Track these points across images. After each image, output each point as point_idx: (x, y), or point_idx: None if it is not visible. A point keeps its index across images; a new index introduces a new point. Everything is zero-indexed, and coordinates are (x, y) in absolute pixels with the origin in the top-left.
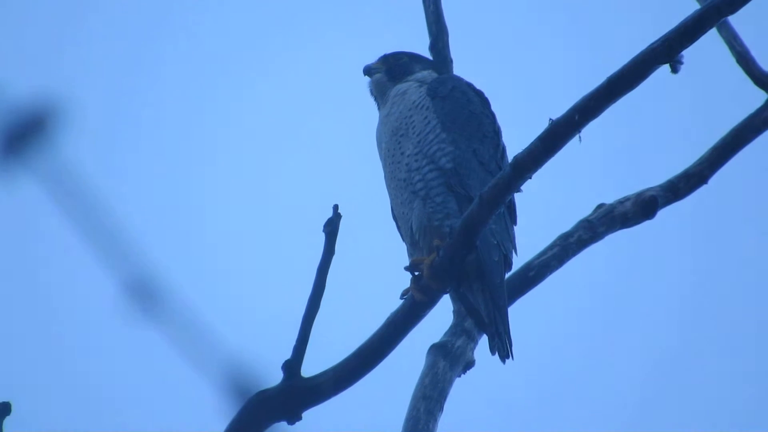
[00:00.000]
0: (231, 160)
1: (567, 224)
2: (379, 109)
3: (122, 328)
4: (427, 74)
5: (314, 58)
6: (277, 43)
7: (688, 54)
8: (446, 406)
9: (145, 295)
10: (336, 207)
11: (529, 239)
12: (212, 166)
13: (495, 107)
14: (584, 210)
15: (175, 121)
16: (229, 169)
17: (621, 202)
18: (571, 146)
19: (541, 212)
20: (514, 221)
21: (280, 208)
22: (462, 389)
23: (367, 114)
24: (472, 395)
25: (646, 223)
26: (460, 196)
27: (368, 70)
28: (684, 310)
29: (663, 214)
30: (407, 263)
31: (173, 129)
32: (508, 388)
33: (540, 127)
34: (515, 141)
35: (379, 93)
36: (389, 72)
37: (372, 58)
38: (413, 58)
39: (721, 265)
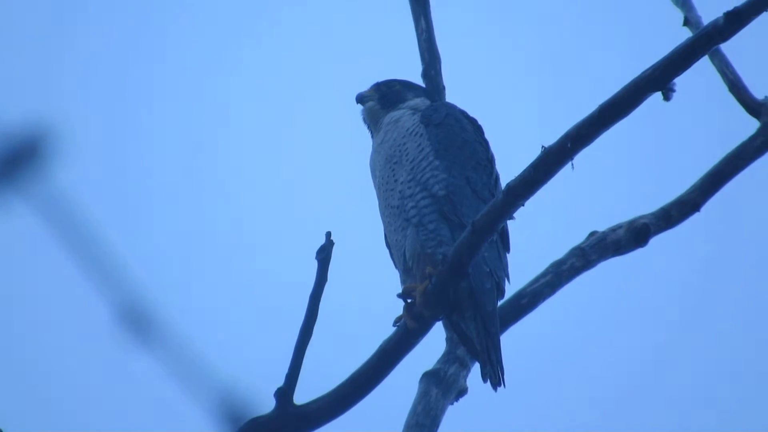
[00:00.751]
0: (224, 188)
1: (559, 252)
2: (372, 137)
3: (115, 355)
4: (420, 102)
5: (307, 83)
6: (268, 69)
7: (680, 82)
8: None
9: (138, 322)
10: (329, 234)
11: (522, 267)
12: (205, 193)
13: (488, 135)
14: (577, 238)
15: (168, 148)
16: (222, 197)
17: (613, 229)
18: (564, 173)
19: (533, 240)
20: (507, 249)
21: (273, 234)
22: (454, 417)
23: (360, 141)
24: (465, 423)
25: (639, 251)
26: (453, 223)
27: (361, 98)
28: (676, 337)
29: (655, 241)
30: (400, 290)
31: (166, 157)
32: (501, 415)
33: (533, 154)
34: (508, 168)
35: (372, 121)
36: (382, 100)
37: (364, 85)
38: (406, 86)
39: (714, 293)
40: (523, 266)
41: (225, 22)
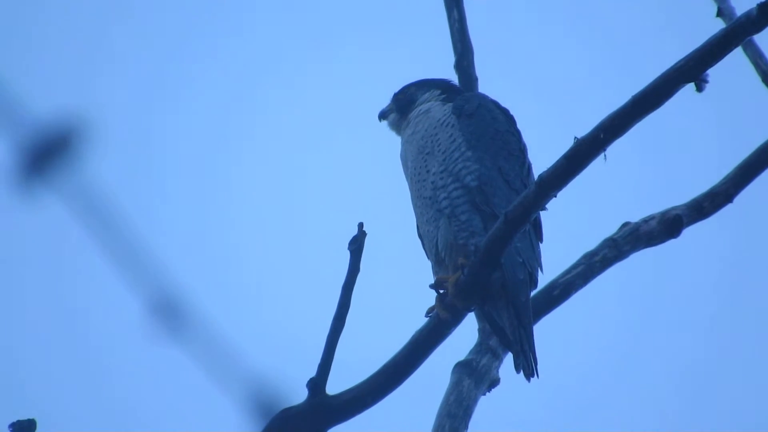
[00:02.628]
0: (256, 178)
1: (592, 243)
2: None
3: (147, 347)
4: (429, 95)
5: (341, 76)
6: (304, 60)
7: (713, 73)
8: (471, 424)
9: (170, 313)
10: (361, 225)
11: (554, 258)
12: (237, 183)
13: (521, 125)
14: (609, 229)
15: (199, 138)
16: (255, 187)
17: (646, 220)
18: (597, 164)
19: (565, 231)
20: (539, 238)
21: (306, 225)
22: (487, 407)
23: (393, 133)
24: (497, 413)
25: (671, 242)
26: (485, 214)
27: (382, 115)
28: (710, 329)
29: (688, 232)
30: (432, 281)
31: (198, 147)
32: (533, 406)
33: (565, 145)
34: (541, 159)
35: (397, 130)
36: (399, 109)
37: (398, 76)
38: (419, 86)
39: (747, 284)
40: (555, 257)
41: (257, 18)
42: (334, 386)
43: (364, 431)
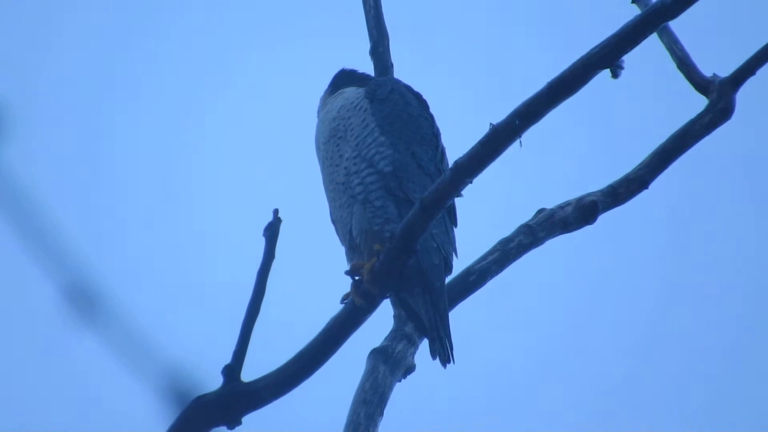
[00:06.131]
0: (170, 164)
1: (507, 229)
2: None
3: (61, 334)
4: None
5: (255, 61)
6: (215, 50)
7: (629, 59)
8: (386, 410)
9: (83, 300)
10: (276, 211)
11: (470, 244)
12: (151, 170)
13: (435, 111)
14: (525, 215)
15: (113, 123)
16: (169, 173)
17: (561, 207)
18: (512, 151)
19: (481, 217)
20: (454, 223)
21: (221, 212)
22: (402, 394)
23: (307, 117)
24: (413, 400)
25: (587, 228)
26: (399, 199)
27: None
28: (624, 314)
29: (604, 218)
30: (348, 267)
31: (112, 132)
32: (449, 392)
33: (481, 131)
34: (456, 145)
35: (322, 105)
36: (332, 84)
37: (313, 63)
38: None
39: (661, 270)
40: (471, 243)
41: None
42: (250, 373)
43: (280, 418)
